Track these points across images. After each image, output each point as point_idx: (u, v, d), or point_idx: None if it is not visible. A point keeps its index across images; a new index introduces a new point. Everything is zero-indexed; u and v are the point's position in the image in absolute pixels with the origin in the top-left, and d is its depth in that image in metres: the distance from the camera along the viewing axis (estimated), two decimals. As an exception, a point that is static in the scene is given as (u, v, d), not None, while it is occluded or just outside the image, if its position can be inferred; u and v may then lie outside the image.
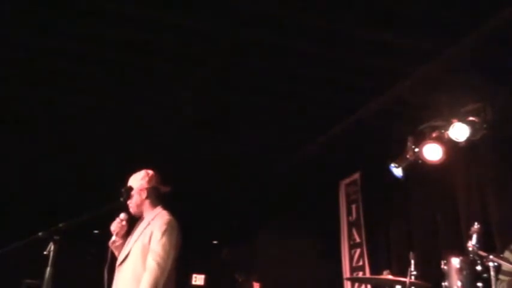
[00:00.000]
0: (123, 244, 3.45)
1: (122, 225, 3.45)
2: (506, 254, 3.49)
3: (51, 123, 5.84)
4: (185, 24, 4.07)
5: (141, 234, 3.33)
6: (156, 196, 3.51)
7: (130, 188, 3.45)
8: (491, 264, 3.12)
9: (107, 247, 3.44)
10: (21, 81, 4.97)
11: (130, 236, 3.46)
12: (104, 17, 3.99)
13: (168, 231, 3.25)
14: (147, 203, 3.46)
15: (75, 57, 4.56)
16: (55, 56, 4.53)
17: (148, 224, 3.35)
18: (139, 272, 3.16)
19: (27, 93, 5.18)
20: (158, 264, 3.13)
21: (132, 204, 3.46)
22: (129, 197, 3.43)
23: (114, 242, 3.44)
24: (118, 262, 3.38)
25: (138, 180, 3.50)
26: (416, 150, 4.71)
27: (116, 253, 3.47)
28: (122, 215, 3.45)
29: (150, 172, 3.56)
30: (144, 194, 3.46)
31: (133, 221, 3.55)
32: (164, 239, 3.21)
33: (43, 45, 4.37)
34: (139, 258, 3.22)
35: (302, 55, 4.48)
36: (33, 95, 5.23)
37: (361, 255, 6.64)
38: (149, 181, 3.50)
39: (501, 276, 3.32)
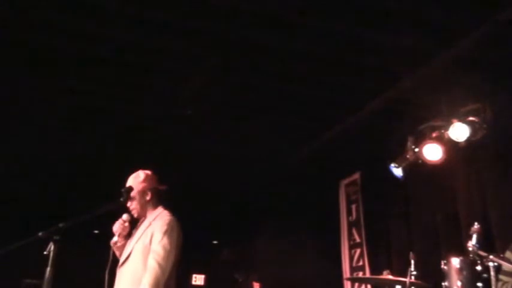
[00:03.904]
0: (124, 245, 3.44)
1: (125, 226, 3.43)
2: (508, 254, 3.48)
3: (51, 122, 5.84)
4: (186, 24, 4.07)
5: (142, 234, 3.32)
6: (157, 196, 3.50)
7: (131, 188, 3.43)
8: (491, 264, 3.12)
9: (109, 247, 3.44)
10: (20, 78, 4.97)
11: (131, 237, 3.45)
12: (103, 16, 3.99)
13: (168, 231, 3.24)
14: (149, 204, 3.45)
15: (76, 57, 4.56)
16: (57, 55, 4.53)
17: (150, 224, 3.34)
18: (140, 272, 3.15)
19: (25, 91, 5.17)
20: (159, 265, 3.12)
21: (136, 206, 3.43)
22: (129, 197, 3.42)
23: (115, 242, 3.43)
24: (119, 263, 3.37)
25: (140, 182, 3.47)
26: (416, 150, 4.72)
27: (118, 253, 3.46)
28: (125, 216, 3.44)
29: (149, 173, 3.54)
30: (149, 196, 3.44)
31: (134, 222, 3.54)
32: (165, 239, 3.20)
33: (44, 44, 4.38)
34: (140, 259, 3.21)
35: (302, 55, 4.48)
36: (32, 93, 5.23)
37: (361, 255, 6.64)
38: (150, 182, 3.49)
39: (502, 277, 3.32)
